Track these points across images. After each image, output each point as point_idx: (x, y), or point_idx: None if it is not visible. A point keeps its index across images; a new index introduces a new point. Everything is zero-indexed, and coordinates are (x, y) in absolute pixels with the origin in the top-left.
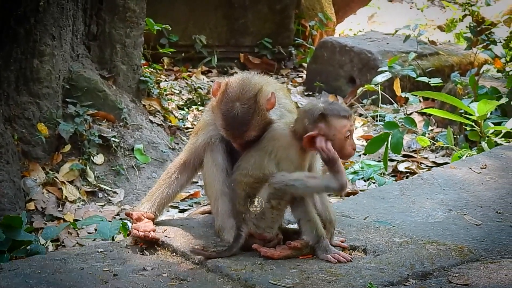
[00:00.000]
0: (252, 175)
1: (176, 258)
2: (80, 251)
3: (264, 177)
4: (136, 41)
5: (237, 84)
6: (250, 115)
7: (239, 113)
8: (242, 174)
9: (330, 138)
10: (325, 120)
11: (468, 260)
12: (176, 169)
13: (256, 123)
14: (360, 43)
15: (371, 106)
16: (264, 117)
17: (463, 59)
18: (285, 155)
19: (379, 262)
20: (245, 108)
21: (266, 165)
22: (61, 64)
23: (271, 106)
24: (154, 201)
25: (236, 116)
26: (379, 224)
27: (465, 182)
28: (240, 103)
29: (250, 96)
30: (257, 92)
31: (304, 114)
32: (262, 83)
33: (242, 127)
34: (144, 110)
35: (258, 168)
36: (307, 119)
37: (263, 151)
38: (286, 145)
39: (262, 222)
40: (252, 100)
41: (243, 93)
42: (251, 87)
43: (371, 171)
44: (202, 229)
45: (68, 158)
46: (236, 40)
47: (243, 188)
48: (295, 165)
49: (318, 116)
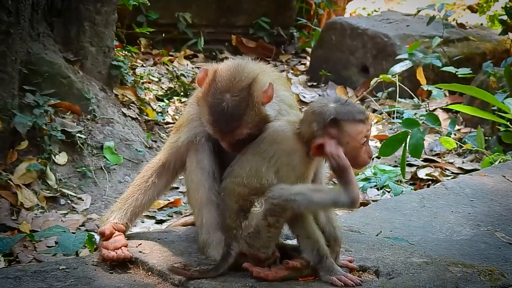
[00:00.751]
0: (247, 184)
1: (152, 278)
2: (37, 268)
3: (261, 188)
4: (107, 19)
5: (228, 72)
6: (242, 109)
7: (229, 106)
8: (235, 183)
9: (342, 145)
10: (338, 126)
11: (499, 286)
12: (153, 172)
13: (249, 119)
14: (375, 25)
15: (387, 101)
16: (259, 112)
17: (497, 46)
18: (287, 162)
19: (394, 286)
20: (236, 101)
21: (265, 173)
22: (18, 45)
23: (267, 100)
24: (127, 210)
25: (225, 110)
26: (394, 241)
27: (497, 193)
28: (230, 95)
29: (242, 86)
30: (251, 82)
31: (313, 116)
32: (258, 72)
33: (232, 123)
34: (116, 101)
35: (254, 176)
36: (316, 123)
37: (261, 156)
38: (289, 149)
39: (257, 241)
40: (245, 91)
41: (235, 83)
42: (244, 76)
43: (385, 178)
44: (184, 244)
45: (24, 156)
46: (227, 19)
47: (235, 199)
48: (297, 174)
49: (329, 121)
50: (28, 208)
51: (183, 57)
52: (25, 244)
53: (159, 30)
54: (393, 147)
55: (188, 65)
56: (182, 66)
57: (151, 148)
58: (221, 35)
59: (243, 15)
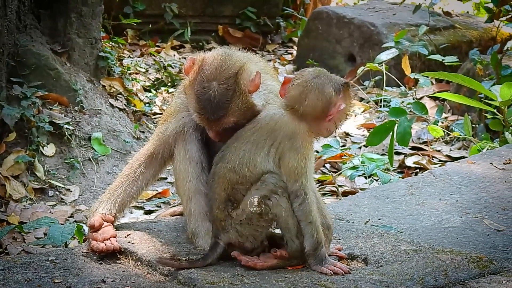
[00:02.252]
0: (238, 171)
1: (141, 269)
2: (27, 259)
3: (250, 177)
4: (94, 10)
5: (215, 60)
6: (229, 97)
7: (216, 94)
8: (227, 168)
9: (344, 113)
10: (348, 91)
11: (488, 273)
12: (142, 162)
13: (236, 107)
14: (362, 13)
15: (374, 89)
16: (246, 100)
17: (483, 33)
18: (290, 146)
19: (383, 274)
20: (223, 89)
21: (261, 163)
22: (5, 37)
23: (254, 88)
24: (115, 201)
25: (212, 98)
26: (383, 229)
27: (485, 180)
28: (217, 83)
29: (229, 74)
30: (238, 70)
31: (323, 84)
32: (245, 61)
33: (219, 111)
34: (103, 92)
35: (246, 164)
36: (333, 90)
37: (256, 145)
38: (290, 133)
39: (247, 229)
40: (232, 79)
41: (222, 71)
42: (231, 64)
43: (373, 167)
44: (172, 234)
45: (12, 148)
46: (214, 10)
47: (224, 187)
48: (301, 156)
49: (344, 85)
50: (16, 200)
51: (170, 47)
52: (14, 235)
53: (146, 21)
54: (381, 136)
55: (175, 55)
56: (169, 57)
57: (138, 138)
58: (207, 25)
59: (229, 5)
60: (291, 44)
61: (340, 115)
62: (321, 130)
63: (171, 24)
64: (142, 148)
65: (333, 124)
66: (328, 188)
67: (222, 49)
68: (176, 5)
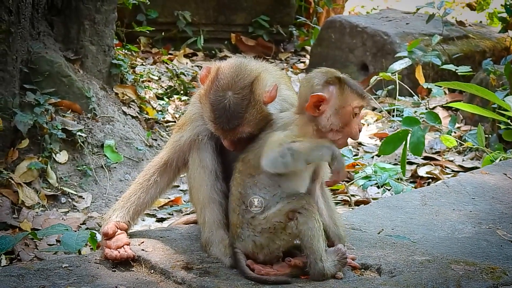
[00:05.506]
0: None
1: (154, 276)
2: (40, 266)
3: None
4: (107, 17)
5: (230, 70)
6: (244, 107)
7: (231, 104)
8: (240, 160)
9: (338, 108)
10: (339, 85)
11: (501, 284)
12: (156, 170)
13: (251, 117)
14: (375, 23)
15: (386, 99)
16: (261, 110)
17: (497, 43)
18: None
19: (396, 284)
20: (238, 99)
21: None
22: (18, 44)
23: (270, 100)
24: (129, 208)
25: (227, 108)
26: (396, 239)
27: (498, 191)
28: (232, 92)
29: (245, 84)
30: (253, 80)
31: (314, 75)
32: (260, 70)
33: (234, 120)
34: (116, 100)
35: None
36: (317, 79)
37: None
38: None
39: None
40: (247, 89)
41: (237, 80)
42: (246, 74)
43: (386, 176)
44: (186, 242)
45: (25, 155)
46: (227, 18)
47: (237, 183)
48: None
49: (334, 77)
50: (29, 206)
51: (183, 55)
52: (26, 242)
53: (158, 29)
54: (394, 146)
55: (187, 63)
56: (181, 65)
57: (151, 146)
58: (220, 33)
59: (242, 13)
60: (304, 52)
61: (336, 111)
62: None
63: (184, 32)
64: (156, 156)
65: (330, 122)
66: (341, 197)
67: (237, 59)
68: (189, 13)
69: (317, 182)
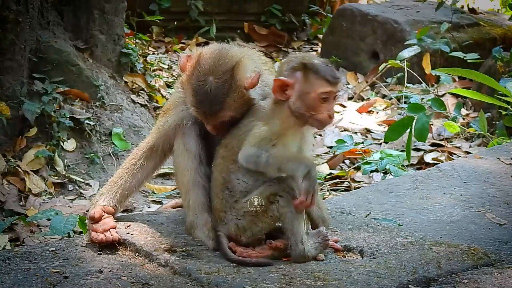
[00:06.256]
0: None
1: (138, 259)
2: (27, 249)
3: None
4: (117, 6)
5: (212, 55)
6: (225, 91)
7: (212, 88)
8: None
9: (302, 94)
10: (304, 72)
11: (481, 265)
12: (142, 155)
13: (232, 101)
14: (385, 11)
15: (396, 86)
16: (242, 94)
17: (507, 31)
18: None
19: (376, 265)
20: (219, 83)
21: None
22: (27, 33)
23: (251, 86)
24: (116, 192)
25: (209, 92)
26: (381, 222)
27: (490, 175)
28: (214, 77)
29: (226, 69)
30: (234, 65)
31: (287, 60)
32: (241, 55)
33: (215, 105)
34: (125, 88)
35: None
36: (286, 65)
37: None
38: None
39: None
40: (228, 74)
41: (218, 65)
42: (228, 59)
43: (386, 162)
44: (172, 226)
45: (33, 143)
46: (239, 7)
47: (220, 168)
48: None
49: (299, 63)
50: (36, 194)
51: (195, 44)
52: (32, 229)
53: (171, 18)
54: (399, 132)
55: None
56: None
57: None
58: (233, 22)
59: (255, 2)
60: (317, 41)
61: (300, 97)
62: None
63: (196, 21)
64: (143, 141)
65: (295, 106)
66: (347, 184)
67: (219, 44)
68: (202, 2)
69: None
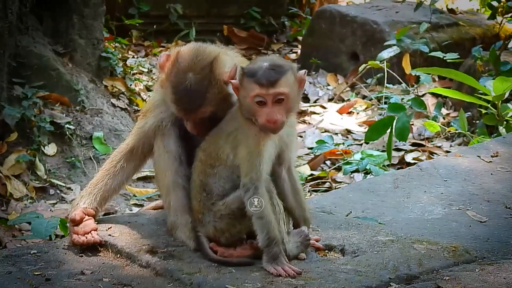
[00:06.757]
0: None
1: (120, 260)
2: (9, 252)
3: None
4: (96, 11)
5: (190, 52)
6: (205, 86)
7: (192, 84)
8: (201, 149)
9: (242, 98)
10: (241, 75)
11: (462, 261)
12: (122, 157)
13: (212, 96)
14: (364, 12)
15: (376, 87)
16: (221, 89)
17: (487, 30)
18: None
19: (357, 263)
20: (198, 79)
21: (221, 145)
22: (6, 38)
23: (229, 78)
24: (96, 195)
25: (188, 88)
26: (362, 220)
27: (471, 173)
28: (193, 73)
29: (204, 65)
30: (212, 60)
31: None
32: (219, 51)
33: (195, 101)
34: (105, 92)
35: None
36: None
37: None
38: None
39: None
40: (207, 69)
41: (197, 61)
42: (206, 55)
43: (366, 162)
44: (153, 227)
45: (14, 148)
46: (219, 10)
47: (198, 171)
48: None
49: (241, 69)
50: (17, 198)
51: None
52: (14, 233)
53: (150, 22)
54: (379, 132)
55: None
56: None
57: None
58: (212, 25)
59: (234, 5)
60: (296, 43)
61: (241, 100)
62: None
63: (175, 24)
64: (123, 143)
65: (242, 110)
66: (328, 184)
67: (196, 43)
68: (181, 6)
69: (283, 166)
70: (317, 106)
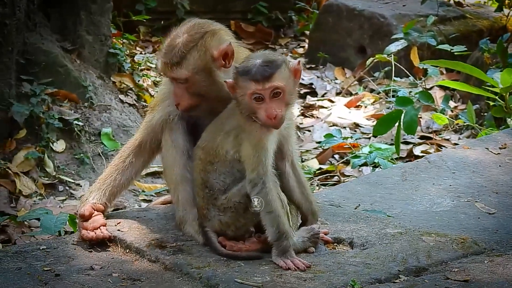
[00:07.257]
0: (205, 149)
1: (129, 255)
2: (18, 249)
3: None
4: (103, 7)
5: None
6: (189, 47)
7: (180, 42)
8: (199, 147)
9: (239, 97)
10: (236, 74)
11: (471, 253)
12: (130, 152)
13: (192, 59)
14: (371, 5)
15: (384, 80)
16: (205, 60)
17: (494, 23)
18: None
19: (366, 256)
20: (187, 39)
21: (221, 141)
22: (14, 35)
23: (219, 55)
24: (105, 190)
25: (175, 44)
26: (371, 213)
27: (479, 165)
28: (187, 35)
29: (199, 31)
30: (209, 31)
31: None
32: (219, 28)
33: (175, 57)
34: (113, 88)
35: (212, 141)
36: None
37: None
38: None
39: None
40: (199, 35)
41: (193, 28)
42: (205, 26)
43: (374, 155)
44: (162, 222)
45: (23, 145)
46: (225, 5)
47: (198, 169)
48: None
49: (235, 69)
50: (26, 195)
51: None
52: (23, 230)
53: (158, 18)
54: (387, 126)
55: None
56: None
57: None
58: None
59: (241, 0)
60: (304, 37)
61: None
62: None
63: (183, 20)
64: (131, 138)
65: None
66: (336, 178)
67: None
68: (188, 2)
69: (286, 160)
70: (325, 100)
